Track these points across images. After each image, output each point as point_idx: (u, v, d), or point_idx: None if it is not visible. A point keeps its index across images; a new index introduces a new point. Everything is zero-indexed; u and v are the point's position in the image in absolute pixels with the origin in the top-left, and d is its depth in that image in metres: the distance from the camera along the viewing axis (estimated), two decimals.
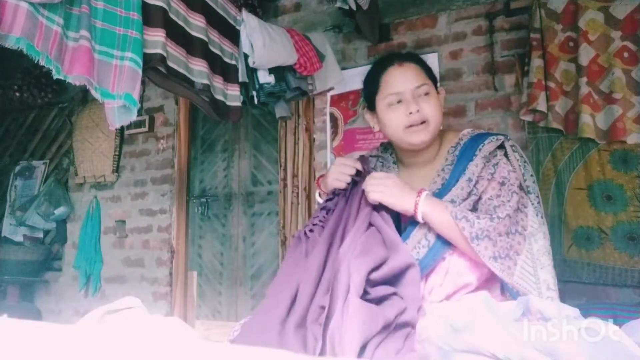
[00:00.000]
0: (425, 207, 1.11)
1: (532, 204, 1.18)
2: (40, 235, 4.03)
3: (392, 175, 1.18)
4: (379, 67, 1.28)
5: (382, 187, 1.13)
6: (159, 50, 1.62)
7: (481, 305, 0.71)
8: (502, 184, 1.15)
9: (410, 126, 1.20)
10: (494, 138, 1.21)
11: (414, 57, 1.28)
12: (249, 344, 0.97)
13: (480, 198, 1.15)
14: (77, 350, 0.59)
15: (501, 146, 1.21)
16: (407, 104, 1.20)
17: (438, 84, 1.32)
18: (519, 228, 1.12)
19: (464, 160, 1.19)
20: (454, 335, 0.67)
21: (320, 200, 1.32)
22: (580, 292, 2.32)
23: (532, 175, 1.22)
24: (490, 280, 1.13)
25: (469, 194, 1.16)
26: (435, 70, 1.72)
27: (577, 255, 2.35)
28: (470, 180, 1.16)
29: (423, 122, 1.20)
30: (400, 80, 1.22)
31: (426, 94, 1.21)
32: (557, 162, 2.44)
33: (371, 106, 1.30)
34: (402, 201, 1.12)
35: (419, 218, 1.11)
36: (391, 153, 1.38)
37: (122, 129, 3.75)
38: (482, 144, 1.20)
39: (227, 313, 3.42)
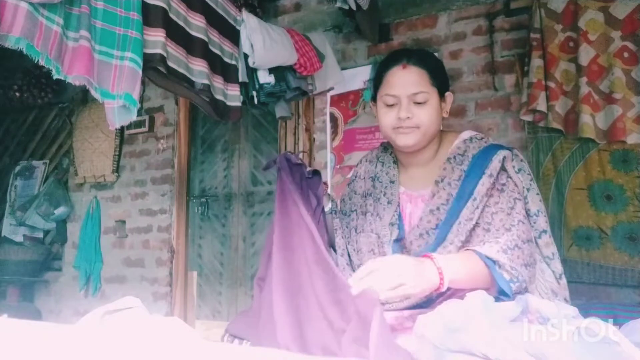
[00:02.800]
0: (450, 274, 0.98)
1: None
2: (40, 235, 4.03)
3: (386, 258, 1.03)
4: (387, 63, 1.27)
5: (399, 279, 0.91)
6: (159, 50, 1.62)
7: (478, 306, 0.71)
8: (502, 191, 1.16)
9: (399, 128, 1.20)
10: (500, 153, 1.19)
11: (421, 60, 1.23)
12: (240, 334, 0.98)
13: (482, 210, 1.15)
14: (77, 350, 0.59)
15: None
16: (399, 108, 1.19)
17: (449, 86, 1.29)
18: (530, 237, 1.13)
19: (472, 180, 1.17)
20: (449, 335, 0.68)
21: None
22: (580, 292, 2.32)
23: (537, 194, 1.20)
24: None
25: (473, 213, 1.15)
26: None
27: (577, 255, 2.35)
28: (475, 199, 1.15)
29: (415, 128, 1.19)
30: (399, 83, 1.20)
31: (423, 102, 1.19)
32: (557, 162, 2.44)
33: (375, 97, 1.31)
34: (426, 281, 0.95)
35: (444, 288, 0.98)
36: (391, 153, 1.37)
37: (122, 129, 3.75)
38: (489, 162, 1.18)
39: (227, 313, 3.42)
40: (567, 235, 2.38)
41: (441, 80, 1.24)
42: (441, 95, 1.24)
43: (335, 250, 1.33)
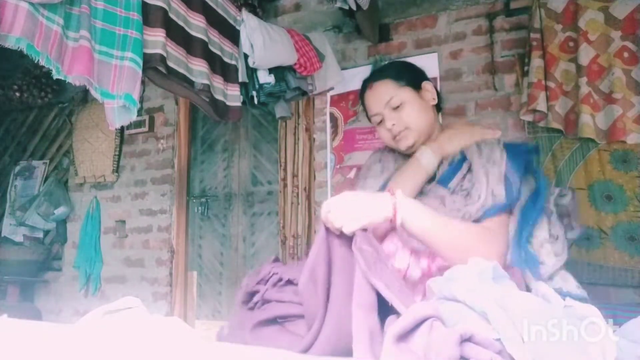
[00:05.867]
0: (405, 208, 0.96)
1: None
2: (40, 235, 4.03)
3: (344, 192, 0.97)
4: (361, 90, 1.35)
5: (345, 210, 0.89)
6: (159, 50, 1.62)
7: (474, 267, 0.78)
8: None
9: (395, 137, 1.26)
10: None
11: (381, 74, 1.30)
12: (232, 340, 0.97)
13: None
14: (77, 350, 0.59)
15: None
16: (385, 121, 1.26)
17: (424, 75, 1.33)
18: None
19: None
20: (445, 284, 0.76)
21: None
22: None
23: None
24: None
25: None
26: (430, 70, 1.71)
27: (577, 255, 2.35)
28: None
29: (406, 129, 1.24)
30: (373, 102, 1.29)
31: (399, 104, 1.25)
32: (557, 162, 2.44)
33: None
34: (377, 208, 0.93)
35: (398, 222, 0.96)
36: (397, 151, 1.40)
37: (122, 129, 3.75)
38: None
39: (227, 313, 3.42)
40: None
41: (409, 78, 1.29)
42: (417, 89, 1.28)
43: None
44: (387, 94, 1.26)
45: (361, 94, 1.35)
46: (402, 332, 0.65)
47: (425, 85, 1.30)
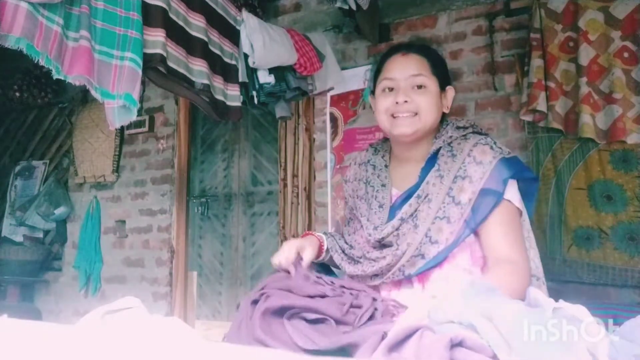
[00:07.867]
0: None
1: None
2: (40, 235, 4.03)
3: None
4: (387, 52, 1.27)
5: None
6: (159, 50, 1.62)
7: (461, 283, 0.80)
8: None
9: (396, 116, 1.18)
10: None
11: (423, 50, 1.23)
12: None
13: None
14: (77, 350, 0.59)
15: None
16: (397, 93, 1.18)
17: (451, 82, 1.27)
18: None
19: None
20: (434, 312, 0.76)
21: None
22: (580, 292, 2.32)
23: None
24: None
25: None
26: None
27: (577, 255, 2.35)
28: None
29: (413, 115, 1.16)
30: (399, 68, 1.19)
31: (422, 86, 1.17)
32: (557, 162, 2.44)
33: (373, 90, 1.28)
34: None
35: None
36: (382, 156, 1.34)
37: (122, 129, 3.75)
38: None
39: (227, 313, 3.42)
40: (567, 235, 2.38)
41: (442, 72, 1.22)
42: (442, 88, 1.22)
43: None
44: (418, 69, 1.17)
45: (385, 55, 1.25)
46: (395, 342, 0.66)
47: (449, 90, 1.23)
